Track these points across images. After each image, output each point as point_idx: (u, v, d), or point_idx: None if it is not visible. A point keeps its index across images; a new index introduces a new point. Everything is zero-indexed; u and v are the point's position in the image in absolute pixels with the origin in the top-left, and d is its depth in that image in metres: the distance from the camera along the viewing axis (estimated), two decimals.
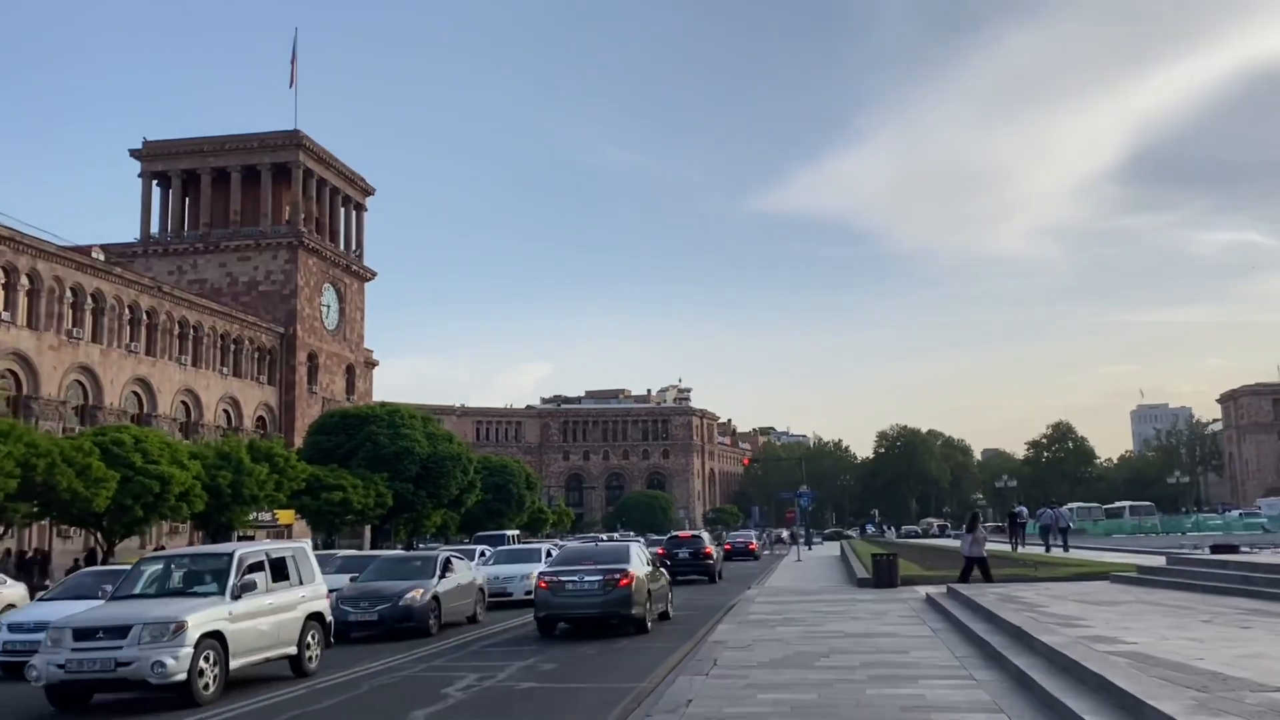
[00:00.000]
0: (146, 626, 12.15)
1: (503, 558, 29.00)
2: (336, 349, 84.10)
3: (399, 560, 22.89)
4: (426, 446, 50.91)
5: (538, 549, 29.61)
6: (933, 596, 19.77)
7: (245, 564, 13.69)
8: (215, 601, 13.01)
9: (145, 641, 12.05)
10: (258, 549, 14.47)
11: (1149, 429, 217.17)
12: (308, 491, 45.74)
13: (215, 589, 13.30)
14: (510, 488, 66.02)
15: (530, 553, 29.07)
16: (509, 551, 30.37)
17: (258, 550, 14.39)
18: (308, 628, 14.64)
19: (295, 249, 78.41)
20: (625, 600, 18.34)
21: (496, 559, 29.07)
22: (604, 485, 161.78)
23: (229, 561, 13.61)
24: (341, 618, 18.61)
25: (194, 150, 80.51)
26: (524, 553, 29.53)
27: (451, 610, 20.53)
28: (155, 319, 62.33)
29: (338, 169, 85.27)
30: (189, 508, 34.04)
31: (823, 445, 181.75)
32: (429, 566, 20.93)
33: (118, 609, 12.98)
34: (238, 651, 13.01)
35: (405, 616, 19.07)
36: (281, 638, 14.01)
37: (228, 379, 70.14)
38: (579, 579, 18.81)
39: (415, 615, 19.10)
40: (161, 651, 11.95)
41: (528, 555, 28.65)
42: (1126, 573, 22.02)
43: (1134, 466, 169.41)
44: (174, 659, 11.93)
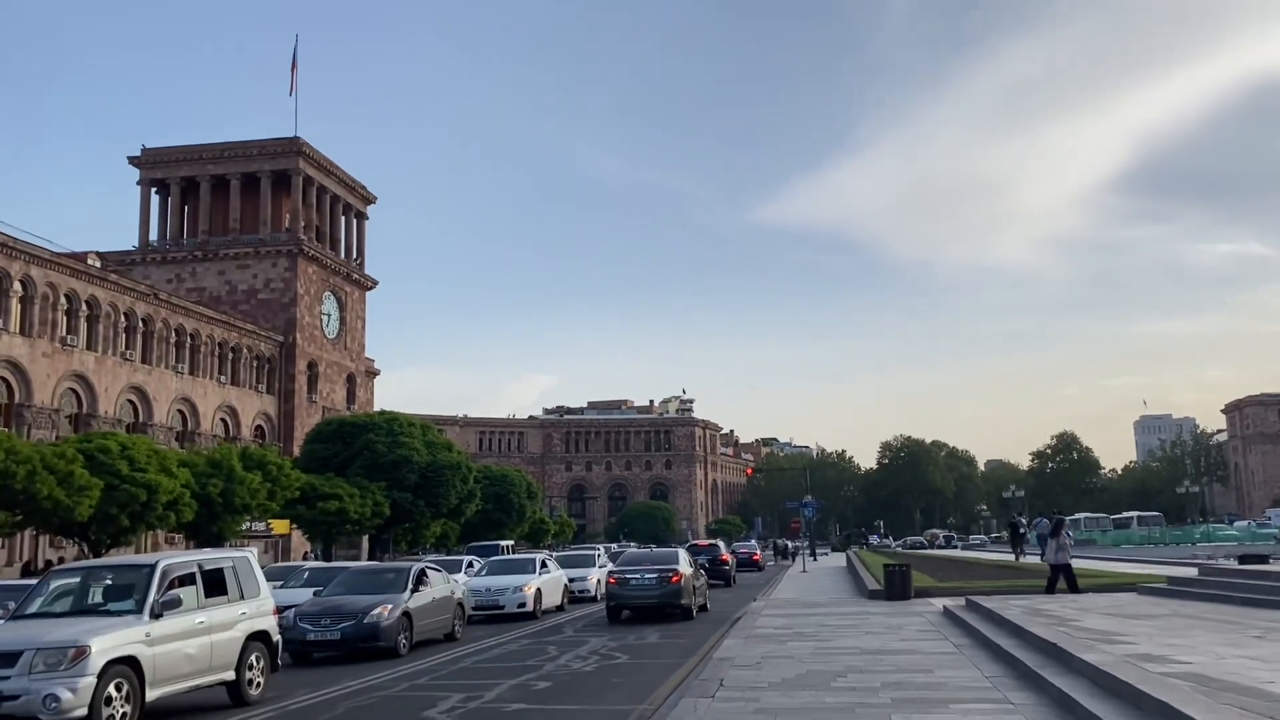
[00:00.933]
0: (40, 653, 10.45)
1: (495, 569, 27.72)
2: (337, 358, 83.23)
3: (368, 573, 21.12)
4: (425, 455, 49.94)
5: (531, 559, 28.29)
6: (950, 609, 18.74)
7: (170, 577, 12.01)
8: (130, 621, 11.32)
9: (38, 671, 10.36)
10: (186, 559, 12.89)
11: (1153, 439, 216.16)
12: (303, 501, 44.77)
13: (132, 606, 11.61)
14: (511, 498, 64.99)
15: (523, 563, 27.82)
16: (502, 562, 28.96)
17: (187, 561, 12.73)
18: (249, 649, 13.01)
19: (295, 257, 77.62)
20: (677, 593, 23.46)
21: (489, 570, 27.84)
22: (606, 496, 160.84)
23: (149, 574, 11.87)
24: (300, 636, 17.49)
25: (193, 158, 79.84)
26: (517, 563, 28.12)
27: (426, 628, 19.09)
28: (151, 326, 61.47)
29: (338, 176, 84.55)
30: (177, 517, 33.04)
31: (826, 456, 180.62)
32: (400, 579, 19.29)
33: (8, 632, 11.27)
34: (157, 679, 11.36)
35: (371, 635, 17.52)
36: (215, 661, 12.41)
37: (226, 388, 69.25)
38: (640, 576, 23.94)
39: (382, 634, 17.57)
40: (56, 682, 10.25)
41: (521, 566, 27.35)
42: (1155, 584, 20.98)
43: (1139, 477, 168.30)
44: (71, 691, 10.24)
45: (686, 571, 24.09)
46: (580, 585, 30.26)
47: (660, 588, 23.46)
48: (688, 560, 25.37)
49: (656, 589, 23.50)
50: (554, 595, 26.92)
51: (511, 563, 28.30)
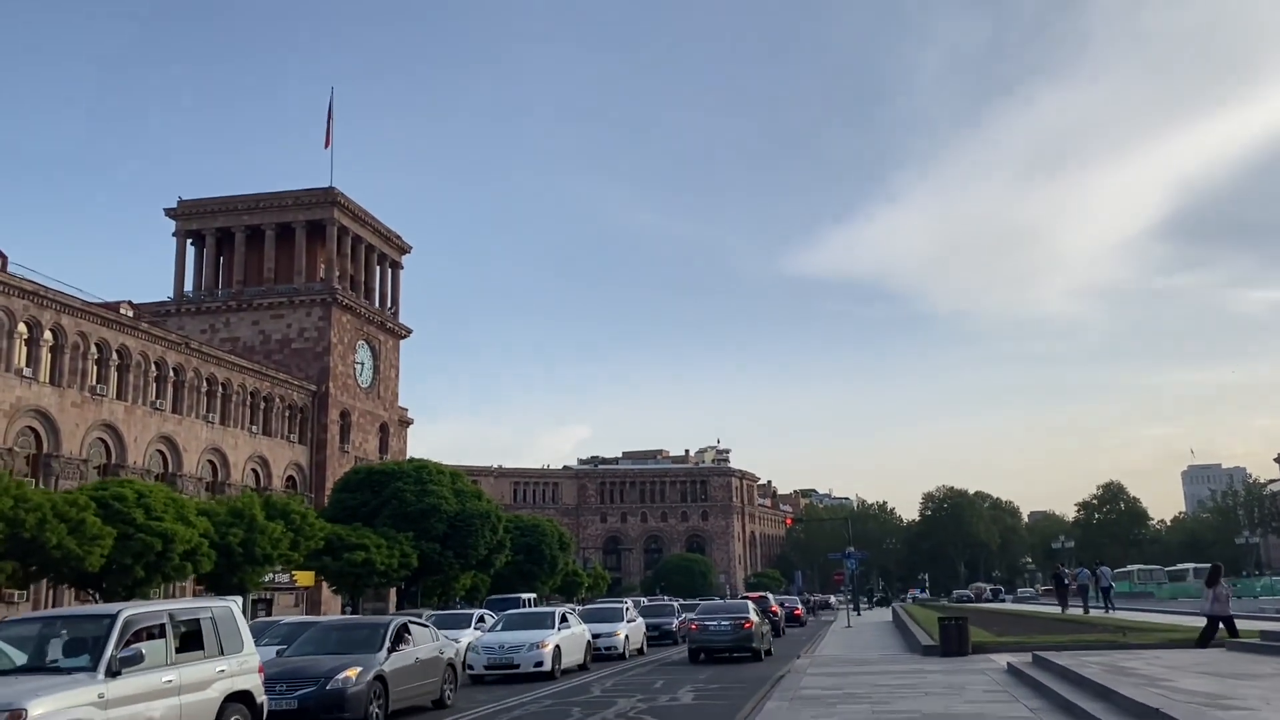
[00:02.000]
0: None
1: (511, 623, 25.52)
2: (370, 407, 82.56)
3: (340, 628, 18.55)
4: (454, 504, 48.68)
5: (549, 613, 26.00)
6: (1017, 666, 17.03)
7: (133, 629, 10.65)
8: (81, 680, 9.95)
9: None
10: (155, 608, 11.51)
11: (1202, 490, 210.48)
12: (329, 551, 43.61)
13: (86, 663, 10.24)
14: (543, 548, 63.44)
15: (541, 618, 25.54)
16: (519, 616, 26.66)
17: (155, 611, 11.33)
18: (228, 712, 11.57)
19: (329, 306, 77.36)
20: (749, 637, 27.46)
21: (504, 625, 25.57)
22: (642, 548, 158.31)
23: (109, 626, 10.52)
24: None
25: (228, 209, 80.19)
26: (534, 618, 25.86)
27: (406, 693, 16.73)
28: (182, 376, 61.08)
29: (373, 226, 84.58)
30: (195, 567, 31.95)
31: (866, 507, 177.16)
32: (375, 637, 16.82)
33: None
34: None
35: (334, 704, 15.09)
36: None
37: (257, 438, 68.61)
38: (717, 623, 27.88)
39: (348, 702, 15.15)
40: None
41: (538, 621, 25.23)
42: (1244, 639, 19.05)
43: (1189, 528, 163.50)
44: None
45: (755, 620, 28.33)
46: (606, 641, 28.31)
47: (735, 633, 27.59)
48: (755, 610, 29.77)
49: (731, 634, 27.63)
50: (575, 653, 25.13)
51: (529, 617, 26.23)
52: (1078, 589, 44.57)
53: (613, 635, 28.66)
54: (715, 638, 27.59)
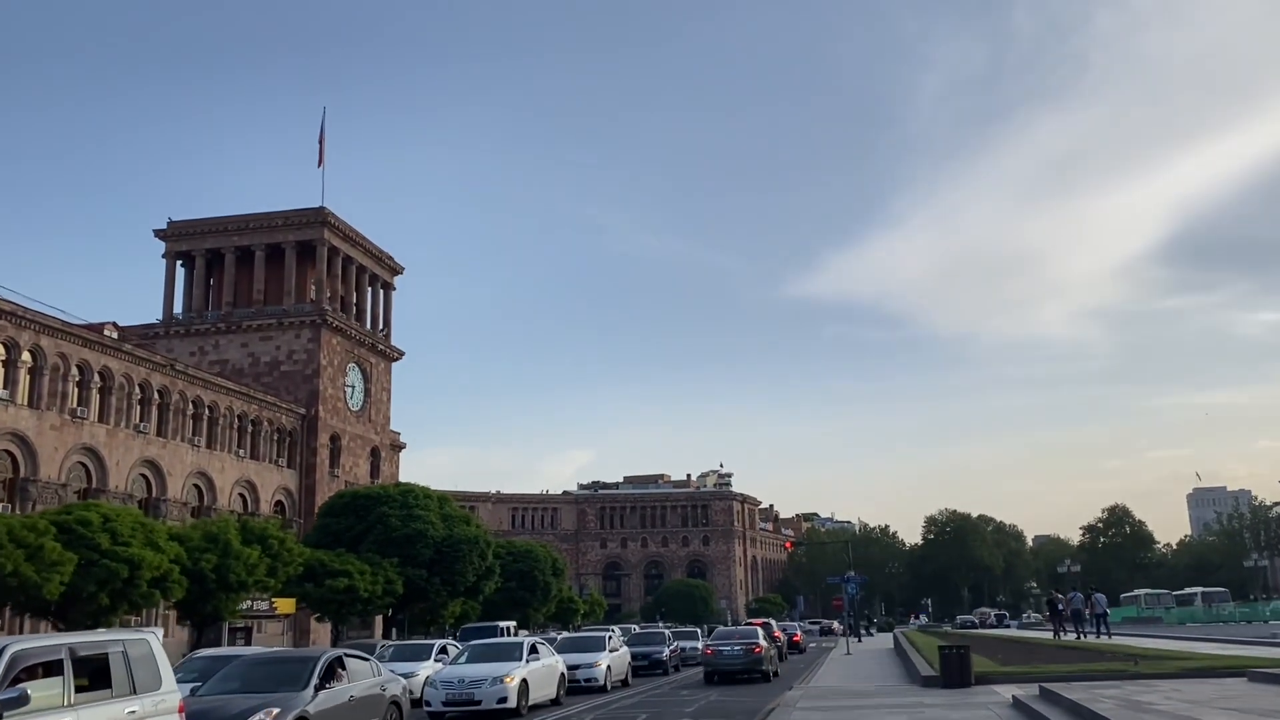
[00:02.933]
0: None
1: (476, 655, 23.41)
2: (360, 430, 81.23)
3: (264, 663, 16.31)
4: (441, 529, 47.28)
5: (518, 644, 23.85)
6: (1022, 700, 15.67)
7: (19, 666, 9.32)
8: None
9: None
10: (50, 643, 10.07)
11: (1208, 512, 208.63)
12: (310, 578, 42.20)
13: None
14: (535, 574, 61.92)
15: (510, 649, 23.42)
16: (485, 647, 24.38)
17: (50, 646, 9.93)
18: None
19: (318, 327, 76.23)
20: (759, 660, 30.22)
21: (469, 656, 23.55)
22: (642, 573, 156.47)
23: None
24: None
25: (218, 229, 79.27)
26: (502, 649, 23.71)
27: None
28: (167, 398, 59.83)
29: (365, 247, 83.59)
30: (164, 595, 30.59)
31: (869, 531, 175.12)
32: (301, 673, 14.73)
33: None
34: None
35: None
36: None
37: (244, 461, 67.27)
38: (730, 647, 30.76)
39: None
40: None
41: (505, 652, 23.11)
42: (1265, 667, 17.65)
43: (1196, 551, 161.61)
44: None
45: (765, 644, 31.28)
46: (585, 673, 26.51)
47: (745, 657, 30.32)
48: (764, 635, 32.91)
49: (742, 658, 30.34)
50: (546, 686, 23.26)
51: (495, 648, 23.96)
52: (1071, 615, 44.63)
53: (592, 666, 26.92)
54: (728, 661, 30.47)
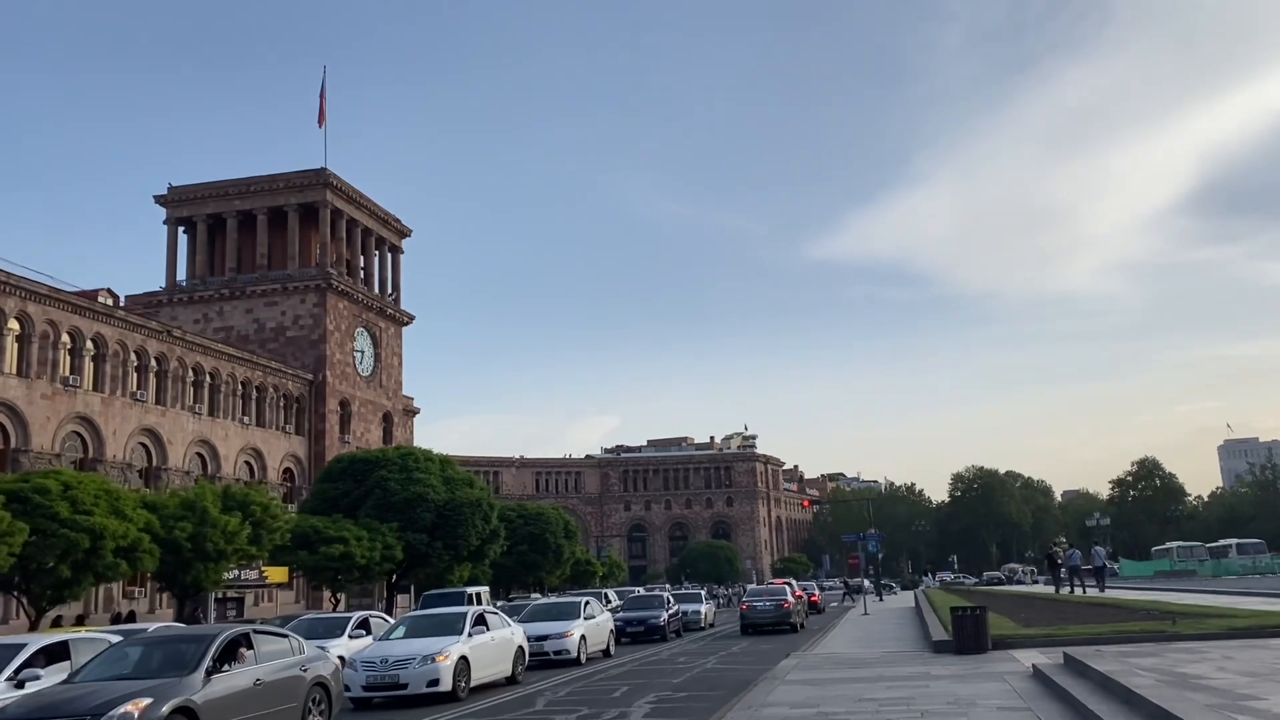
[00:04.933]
0: None
1: (411, 629, 20.01)
2: (371, 396, 79.77)
3: (157, 644, 13.45)
4: (443, 492, 45.61)
5: (460, 615, 20.43)
6: (1043, 670, 13.65)
7: None
8: None
9: None
10: None
11: (1240, 464, 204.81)
12: (304, 545, 40.68)
13: None
14: (547, 537, 60.36)
15: (449, 621, 20.00)
16: (423, 620, 20.90)
17: None
18: None
19: (324, 292, 74.58)
20: (787, 614, 34.96)
21: (407, 630, 20.03)
22: (667, 535, 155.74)
23: None
24: None
25: (219, 194, 77.55)
26: (441, 621, 20.19)
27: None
28: (165, 365, 58.40)
29: (370, 209, 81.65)
30: (133, 566, 29.05)
31: (895, 490, 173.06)
32: (193, 654, 12.39)
33: None
34: None
35: None
36: None
37: (249, 429, 65.94)
38: (763, 603, 35.70)
39: None
40: None
41: (446, 625, 19.75)
42: None
43: (1228, 503, 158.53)
44: None
45: (792, 601, 36.39)
46: (555, 644, 23.93)
47: (776, 611, 35.18)
48: (791, 592, 38.22)
49: (773, 612, 35.24)
50: (496, 663, 20.16)
51: (433, 620, 20.49)
52: (1069, 570, 44.59)
53: (563, 637, 24.18)
54: (761, 615, 35.24)
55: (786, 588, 39.32)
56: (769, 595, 37.10)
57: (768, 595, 37.16)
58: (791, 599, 36.31)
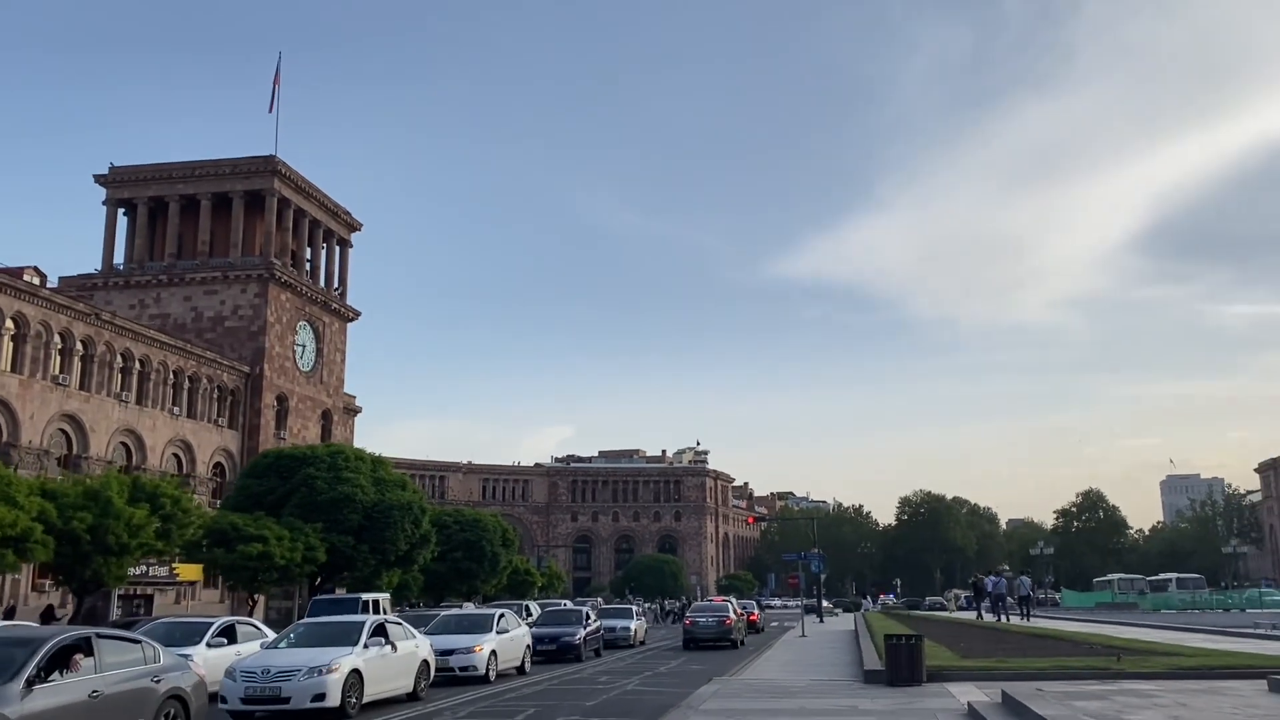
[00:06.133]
0: None
1: (302, 637, 18.23)
2: (311, 392, 77.51)
3: None
4: (372, 494, 43.80)
5: (357, 624, 18.77)
6: (979, 710, 12.44)
7: None
8: None
9: None
10: None
11: (1181, 499, 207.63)
12: (222, 542, 38.70)
13: None
14: (483, 545, 58.51)
15: (344, 631, 18.27)
16: (316, 627, 19.22)
17: None
18: None
19: (266, 282, 72.35)
20: (728, 631, 36.46)
21: (293, 639, 18.20)
22: (613, 548, 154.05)
23: None
24: None
25: (162, 176, 75.08)
26: (335, 631, 18.45)
27: None
28: (92, 350, 55.96)
29: (319, 200, 79.52)
30: (20, 556, 27.04)
31: (842, 511, 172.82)
32: (12, 661, 10.50)
33: None
34: None
35: None
36: None
37: (180, 420, 63.50)
38: (705, 619, 37.16)
39: None
40: None
41: (340, 635, 18.03)
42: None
43: (1168, 538, 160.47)
44: None
45: (733, 617, 37.69)
46: (462, 660, 22.12)
47: (718, 627, 36.52)
48: (734, 609, 39.56)
49: (716, 628, 36.50)
50: (396, 678, 18.53)
51: (327, 629, 18.74)
52: (995, 598, 45.30)
53: (470, 652, 22.25)
54: (704, 631, 36.43)
55: (729, 604, 40.66)
56: (712, 612, 38.56)
57: (711, 612, 38.62)
58: (734, 616, 37.66)
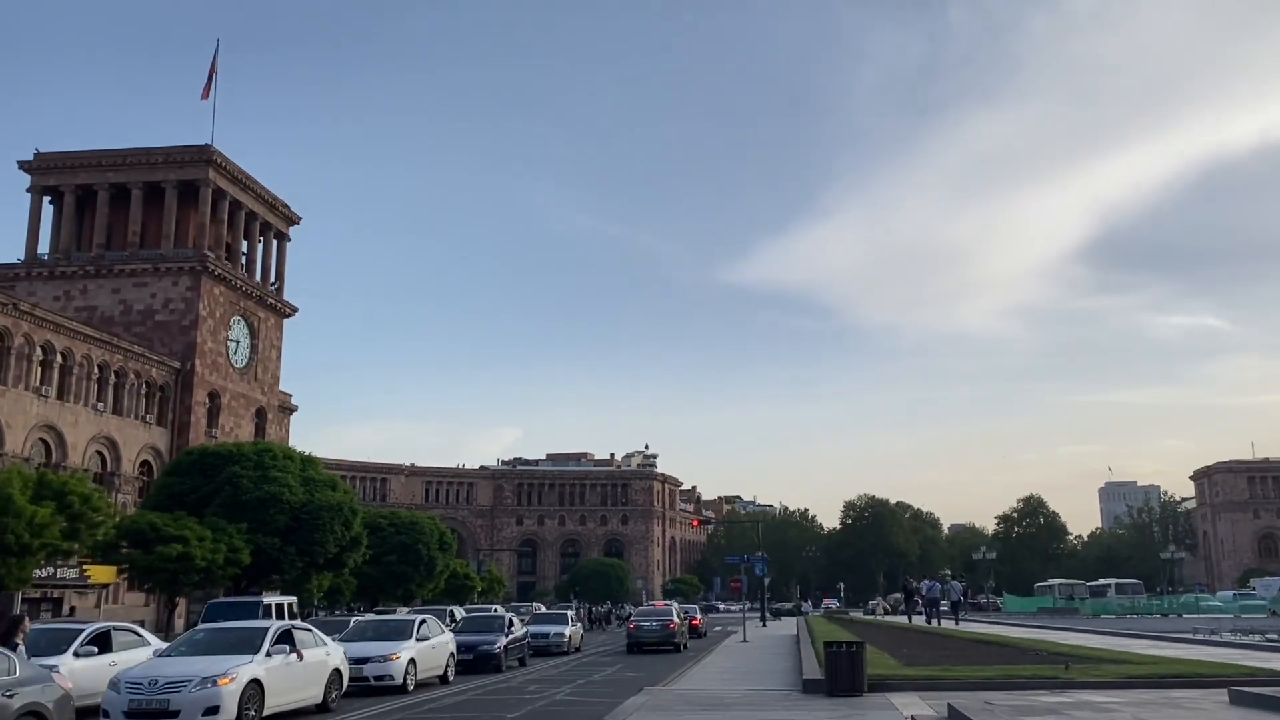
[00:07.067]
0: None
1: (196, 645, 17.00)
2: (244, 389, 75.17)
3: None
4: (301, 494, 42.08)
5: (260, 630, 17.39)
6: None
7: None
8: None
9: None
10: None
11: (1119, 506, 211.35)
12: (140, 543, 36.82)
13: None
14: (419, 548, 56.86)
15: (249, 637, 17.03)
16: (213, 635, 17.90)
17: None
18: None
19: (198, 275, 69.96)
20: (672, 635, 37.23)
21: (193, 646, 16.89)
22: (559, 551, 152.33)
23: None
24: None
25: (91, 164, 72.40)
26: (235, 637, 17.24)
27: None
28: (9, 341, 53.45)
29: (256, 192, 77.22)
30: None
31: (789, 515, 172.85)
32: None
33: None
34: None
35: None
36: None
37: (104, 417, 60.97)
38: (650, 623, 37.99)
39: None
40: None
41: (243, 643, 16.75)
42: (1244, 682, 13.64)
43: (1105, 544, 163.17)
44: None
45: (677, 621, 38.37)
46: (378, 669, 20.69)
47: (662, 631, 37.20)
48: (677, 613, 40.43)
49: (660, 631, 37.24)
50: (303, 688, 17.28)
51: (224, 636, 17.42)
52: (928, 602, 45.70)
53: (386, 661, 20.81)
54: (648, 634, 37.12)
55: (673, 609, 41.58)
56: (656, 616, 39.30)
57: (655, 616, 39.35)
58: (677, 619, 38.34)
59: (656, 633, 37.17)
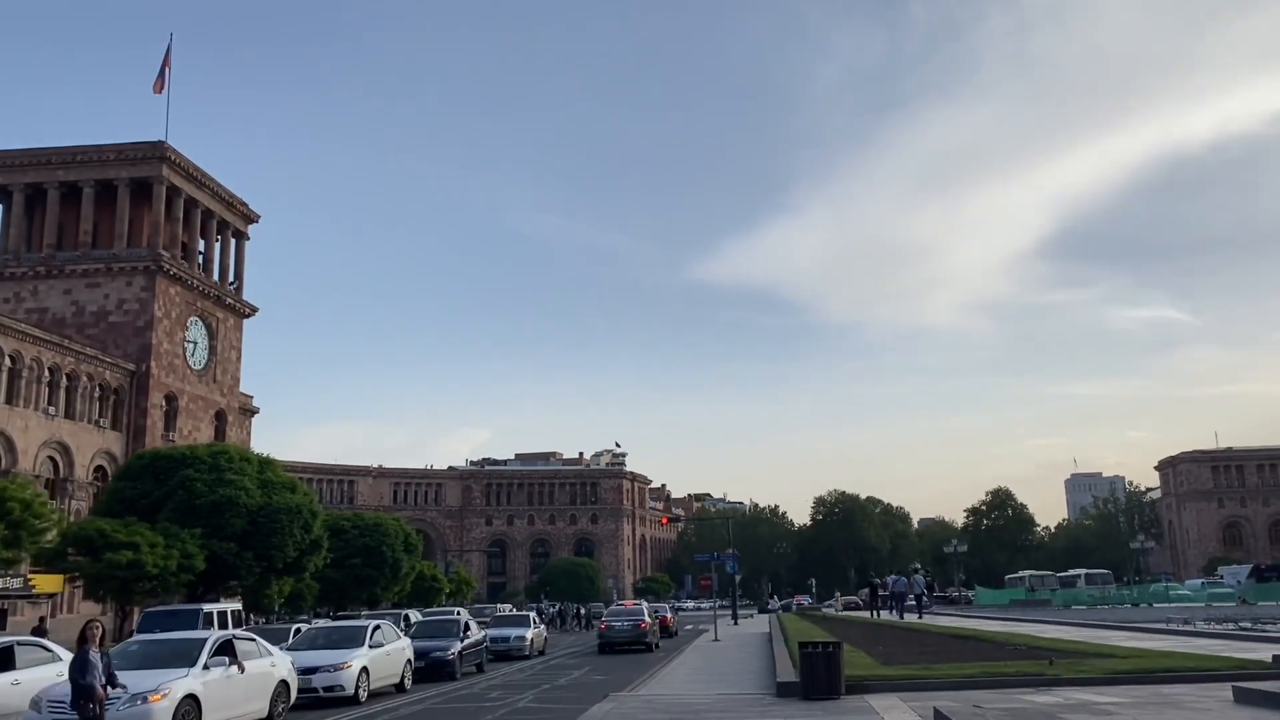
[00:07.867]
0: None
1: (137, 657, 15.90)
2: (203, 391, 73.42)
3: None
4: (258, 497, 40.76)
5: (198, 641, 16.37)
6: None
7: None
8: None
9: None
10: None
11: (1085, 497, 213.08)
12: (88, 550, 35.41)
13: None
14: (384, 550, 55.61)
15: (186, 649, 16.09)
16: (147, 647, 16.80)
17: None
18: None
19: (153, 275, 68.17)
20: (644, 634, 37.19)
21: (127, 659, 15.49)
22: (529, 551, 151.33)
23: None
24: None
25: (40, 162, 70.36)
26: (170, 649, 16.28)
27: None
28: None
29: (212, 189, 75.44)
30: None
31: (758, 511, 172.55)
32: None
33: None
34: None
35: None
36: None
37: (56, 421, 59.18)
38: (621, 623, 37.90)
39: None
40: None
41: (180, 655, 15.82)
42: (1244, 677, 12.93)
43: (1073, 534, 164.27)
44: None
45: (649, 621, 38.28)
46: (327, 679, 19.65)
47: (633, 630, 37.09)
48: (648, 612, 39.94)
49: (631, 631, 37.14)
50: (245, 703, 16.40)
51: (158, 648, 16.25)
52: (893, 596, 46.20)
53: (336, 670, 19.75)
54: (619, 634, 37.03)
55: (644, 608, 40.95)
56: (627, 615, 38.94)
57: (626, 615, 39.00)
58: (649, 619, 38.19)
59: (628, 632, 36.98)
